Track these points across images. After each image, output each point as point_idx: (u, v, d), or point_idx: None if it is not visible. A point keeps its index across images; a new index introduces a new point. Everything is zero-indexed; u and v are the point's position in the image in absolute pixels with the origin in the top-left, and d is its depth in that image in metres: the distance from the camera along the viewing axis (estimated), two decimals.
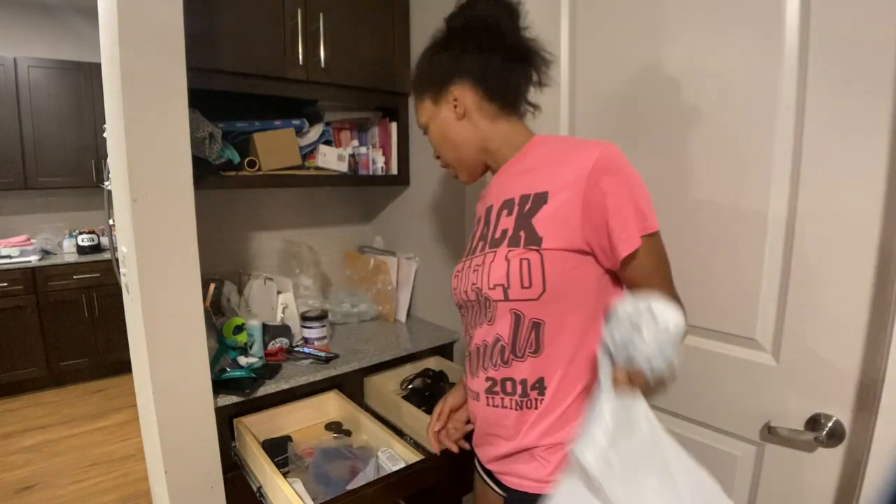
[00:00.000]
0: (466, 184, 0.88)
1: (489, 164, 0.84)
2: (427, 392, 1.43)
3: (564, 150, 0.73)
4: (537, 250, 0.69)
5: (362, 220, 2.05)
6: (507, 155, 0.80)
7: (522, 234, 0.71)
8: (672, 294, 0.72)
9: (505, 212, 0.76)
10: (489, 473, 0.84)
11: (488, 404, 0.77)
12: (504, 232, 0.74)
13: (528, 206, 0.72)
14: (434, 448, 0.96)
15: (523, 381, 0.73)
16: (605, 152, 0.67)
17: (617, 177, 0.67)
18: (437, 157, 0.88)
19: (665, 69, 0.94)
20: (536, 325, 0.71)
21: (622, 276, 0.73)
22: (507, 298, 0.71)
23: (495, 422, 0.77)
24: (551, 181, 0.71)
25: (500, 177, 0.81)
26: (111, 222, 1.70)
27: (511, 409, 0.74)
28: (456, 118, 0.80)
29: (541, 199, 0.71)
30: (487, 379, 0.77)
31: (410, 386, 1.47)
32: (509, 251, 0.71)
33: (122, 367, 3.29)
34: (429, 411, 1.27)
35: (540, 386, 0.72)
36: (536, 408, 0.73)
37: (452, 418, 0.95)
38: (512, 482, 0.76)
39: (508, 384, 0.74)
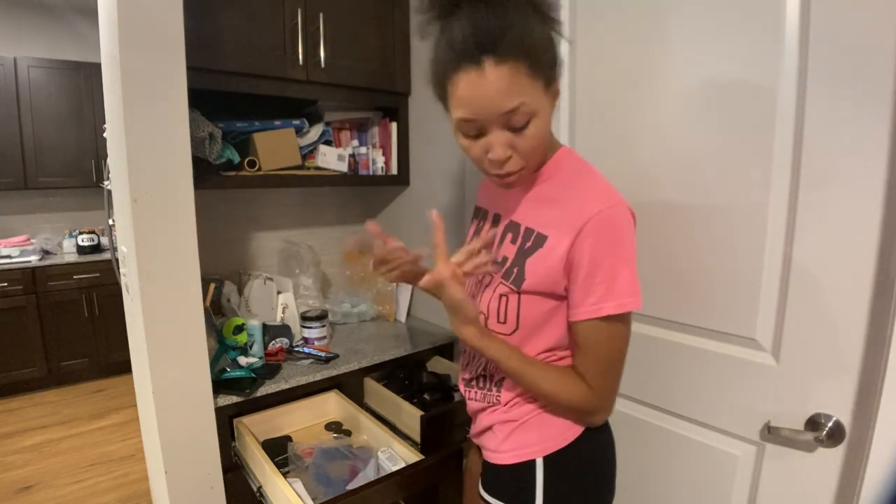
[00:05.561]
0: (512, 188, 0.73)
1: None
2: (407, 381, 1.45)
3: (575, 189, 0.71)
4: (517, 292, 0.73)
5: (362, 220, 2.05)
6: (543, 161, 0.75)
7: (515, 270, 0.73)
8: (599, 385, 0.70)
9: (510, 235, 0.77)
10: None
11: (469, 397, 0.87)
12: (505, 259, 0.76)
13: (528, 244, 0.73)
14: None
15: (491, 377, 0.82)
16: (606, 213, 0.65)
17: (603, 241, 0.65)
18: (508, 159, 0.65)
19: (665, 68, 0.94)
20: None
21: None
22: (486, 326, 0.77)
23: (472, 409, 0.88)
24: (552, 225, 0.70)
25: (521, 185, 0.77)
26: (111, 222, 1.70)
27: (480, 401, 0.84)
28: (551, 115, 0.67)
29: (540, 241, 0.71)
30: (470, 377, 0.86)
31: (390, 374, 1.50)
32: (500, 284, 0.75)
33: (122, 367, 3.29)
34: (409, 399, 1.33)
35: (499, 384, 0.80)
36: (496, 401, 0.81)
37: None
38: (484, 453, 0.85)
39: (481, 380, 0.84)
